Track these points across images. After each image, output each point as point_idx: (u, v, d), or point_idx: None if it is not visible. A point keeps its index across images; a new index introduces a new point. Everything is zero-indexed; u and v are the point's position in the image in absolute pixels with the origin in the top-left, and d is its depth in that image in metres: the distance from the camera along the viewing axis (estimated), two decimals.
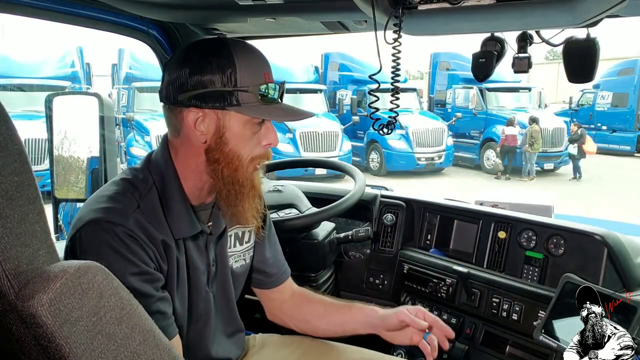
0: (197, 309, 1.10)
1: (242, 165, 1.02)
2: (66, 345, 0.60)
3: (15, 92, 9.65)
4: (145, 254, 0.95)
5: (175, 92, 0.99)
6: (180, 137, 1.03)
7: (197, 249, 1.07)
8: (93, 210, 0.95)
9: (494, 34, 1.21)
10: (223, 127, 1.00)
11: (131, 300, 0.69)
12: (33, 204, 0.61)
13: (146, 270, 0.94)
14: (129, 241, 0.93)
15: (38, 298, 0.58)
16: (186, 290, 1.06)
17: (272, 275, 1.28)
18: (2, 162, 0.58)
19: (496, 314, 1.48)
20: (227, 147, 1.00)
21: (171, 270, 1.01)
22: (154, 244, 0.97)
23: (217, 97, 0.98)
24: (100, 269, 0.65)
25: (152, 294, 0.95)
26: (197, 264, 1.07)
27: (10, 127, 0.60)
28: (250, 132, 1.02)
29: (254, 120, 1.01)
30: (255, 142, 1.03)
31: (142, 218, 0.96)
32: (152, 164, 1.05)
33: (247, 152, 1.02)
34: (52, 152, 1.76)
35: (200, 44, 1.04)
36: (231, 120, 1.00)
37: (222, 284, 1.16)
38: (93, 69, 12.55)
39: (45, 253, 0.62)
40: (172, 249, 1.01)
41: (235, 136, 1.00)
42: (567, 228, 1.44)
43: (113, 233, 0.92)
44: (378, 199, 1.84)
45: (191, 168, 1.04)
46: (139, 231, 0.94)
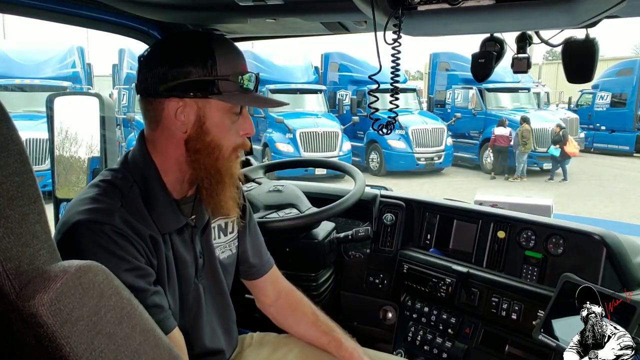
0: (188, 302, 1.11)
1: (223, 155, 1.04)
2: (67, 345, 0.60)
3: (16, 93, 9.65)
4: (135, 249, 0.95)
5: (156, 84, 1.00)
6: (159, 130, 1.03)
7: (183, 242, 1.08)
8: (78, 212, 0.95)
9: (494, 35, 1.21)
10: (204, 117, 1.01)
11: (132, 300, 0.69)
12: (34, 204, 0.61)
13: (138, 266, 0.95)
14: (118, 238, 0.93)
15: (39, 298, 0.58)
16: (176, 284, 1.07)
17: (255, 266, 1.30)
18: (3, 162, 0.58)
19: (495, 314, 1.48)
20: (208, 137, 1.02)
21: (161, 265, 1.02)
22: (142, 239, 0.97)
23: (198, 86, 0.99)
24: (101, 269, 0.66)
25: (146, 289, 0.95)
26: (184, 257, 1.08)
27: (11, 127, 0.60)
28: (230, 122, 1.04)
29: (233, 110, 1.03)
30: (234, 131, 1.05)
31: (127, 215, 0.96)
32: (130, 162, 1.06)
33: (227, 141, 1.04)
34: (53, 152, 1.76)
35: (177, 37, 1.07)
36: (212, 110, 1.01)
37: (212, 275, 1.17)
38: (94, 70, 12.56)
39: (46, 253, 0.62)
40: (159, 243, 1.01)
41: (216, 125, 1.02)
42: (566, 228, 1.44)
43: (101, 232, 0.92)
44: (378, 199, 1.84)
45: (171, 161, 1.04)
46: (126, 228, 0.95)
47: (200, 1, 1.29)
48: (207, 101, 1.01)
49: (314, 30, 1.47)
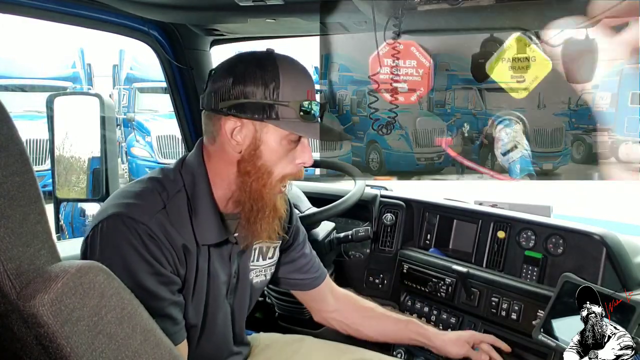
0: (215, 319, 1.09)
1: (271, 181, 1.01)
2: (67, 345, 0.60)
3: (16, 93, 9.65)
4: (162, 255, 0.94)
5: (217, 99, 0.99)
6: (215, 145, 1.03)
7: (221, 258, 1.07)
8: (117, 204, 0.95)
9: (493, 35, 1.21)
10: (259, 140, 0.99)
11: (132, 300, 0.69)
12: (35, 204, 0.61)
13: (161, 272, 0.94)
14: (148, 241, 0.92)
15: (39, 298, 0.58)
16: (203, 299, 1.05)
17: (306, 280, 1.31)
18: (4, 162, 0.58)
19: (495, 314, 1.48)
20: (259, 161, 1.00)
21: (189, 276, 1.00)
22: (173, 247, 0.96)
23: (257, 109, 0.97)
24: (102, 269, 0.66)
25: (165, 297, 0.94)
26: (218, 273, 1.06)
27: (11, 128, 0.61)
28: (285, 149, 1.01)
29: (290, 137, 1.00)
30: (288, 160, 1.02)
31: (166, 219, 0.96)
32: (185, 165, 1.04)
33: (279, 168, 1.01)
34: (53, 152, 1.76)
35: (247, 55, 1.04)
36: (268, 134, 0.99)
37: (240, 296, 1.15)
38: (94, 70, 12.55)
39: (46, 253, 0.62)
40: (192, 254, 1.00)
41: (270, 151, 1.00)
42: (566, 228, 1.44)
43: (134, 230, 0.91)
44: (378, 199, 1.84)
45: (222, 176, 1.03)
46: (160, 233, 0.94)
47: (200, 1, 1.29)
48: (264, 125, 0.99)
49: (314, 30, 1.47)
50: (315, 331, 1.65)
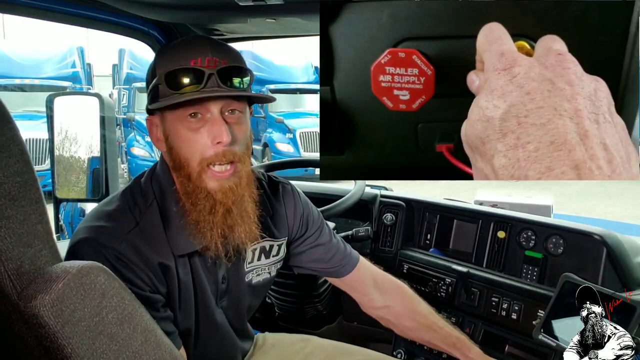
0: (210, 323, 1.06)
1: (192, 170, 0.90)
2: (68, 345, 0.60)
3: (16, 92, 9.65)
4: (137, 277, 0.89)
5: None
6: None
7: (205, 266, 1.01)
8: (88, 228, 0.91)
9: None
10: (167, 130, 0.92)
11: (133, 301, 0.69)
12: (36, 205, 0.61)
13: (138, 294, 0.87)
14: (118, 265, 0.87)
15: (40, 298, 0.58)
16: (193, 309, 1.01)
17: (329, 269, 1.23)
18: (5, 162, 0.58)
19: (495, 314, 1.48)
20: (174, 151, 0.91)
21: (171, 291, 0.96)
22: (148, 267, 0.91)
23: (150, 97, 0.93)
24: (103, 270, 0.66)
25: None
26: (203, 282, 1.01)
27: (12, 128, 0.61)
28: (186, 130, 0.89)
29: (186, 113, 0.87)
30: (201, 141, 0.89)
31: (139, 239, 0.90)
32: (155, 174, 0.99)
33: (193, 153, 0.89)
34: (53, 152, 1.76)
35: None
36: (166, 120, 0.91)
37: (234, 299, 1.10)
38: (94, 69, 12.54)
39: (47, 253, 0.62)
40: (171, 269, 0.94)
41: (175, 137, 0.90)
42: (566, 228, 1.44)
43: (102, 256, 0.87)
44: (378, 199, 1.84)
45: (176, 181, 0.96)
46: (132, 254, 0.89)
47: (200, 1, 1.29)
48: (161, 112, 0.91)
49: (314, 30, 1.47)
50: (315, 331, 1.66)
